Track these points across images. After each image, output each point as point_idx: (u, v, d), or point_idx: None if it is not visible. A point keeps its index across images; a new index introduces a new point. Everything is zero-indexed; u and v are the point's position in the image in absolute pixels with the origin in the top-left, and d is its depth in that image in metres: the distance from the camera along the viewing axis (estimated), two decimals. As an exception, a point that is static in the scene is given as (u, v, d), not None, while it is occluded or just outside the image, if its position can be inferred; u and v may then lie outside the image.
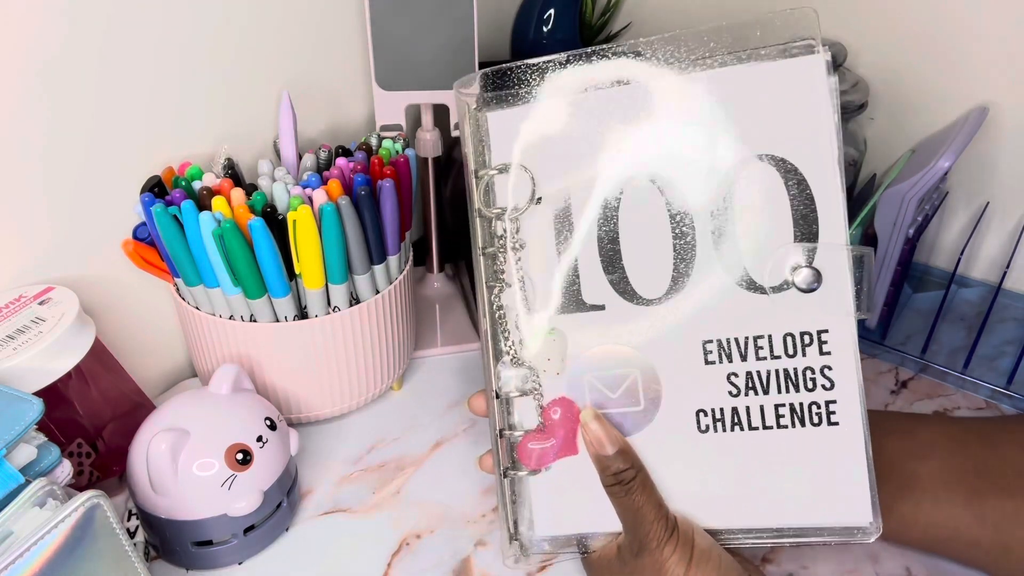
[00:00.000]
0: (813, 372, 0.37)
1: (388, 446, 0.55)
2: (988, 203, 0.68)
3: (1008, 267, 0.62)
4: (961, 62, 0.66)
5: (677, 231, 0.38)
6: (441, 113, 0.64)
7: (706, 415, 0.38)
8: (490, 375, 0.41)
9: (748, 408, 0.38)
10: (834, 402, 0.37)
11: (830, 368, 0.37)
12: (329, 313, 0.51)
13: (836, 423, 0.37)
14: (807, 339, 0.37)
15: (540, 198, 0.40)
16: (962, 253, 0.61)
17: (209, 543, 0.44)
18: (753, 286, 0.37)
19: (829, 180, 0.36)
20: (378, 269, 0.52)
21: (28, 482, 0.34)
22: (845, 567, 0.45)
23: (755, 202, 0.37)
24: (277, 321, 0.51)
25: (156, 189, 0.50)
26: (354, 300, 0.52)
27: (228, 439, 0.43)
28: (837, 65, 0.66)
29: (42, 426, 0.37)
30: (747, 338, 0.38)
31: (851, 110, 0.65)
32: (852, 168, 0.68)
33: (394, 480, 0.52)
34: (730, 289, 0.38)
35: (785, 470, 0.38)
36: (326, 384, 0.53)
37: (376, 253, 0.51)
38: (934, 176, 0.57)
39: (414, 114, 0.65)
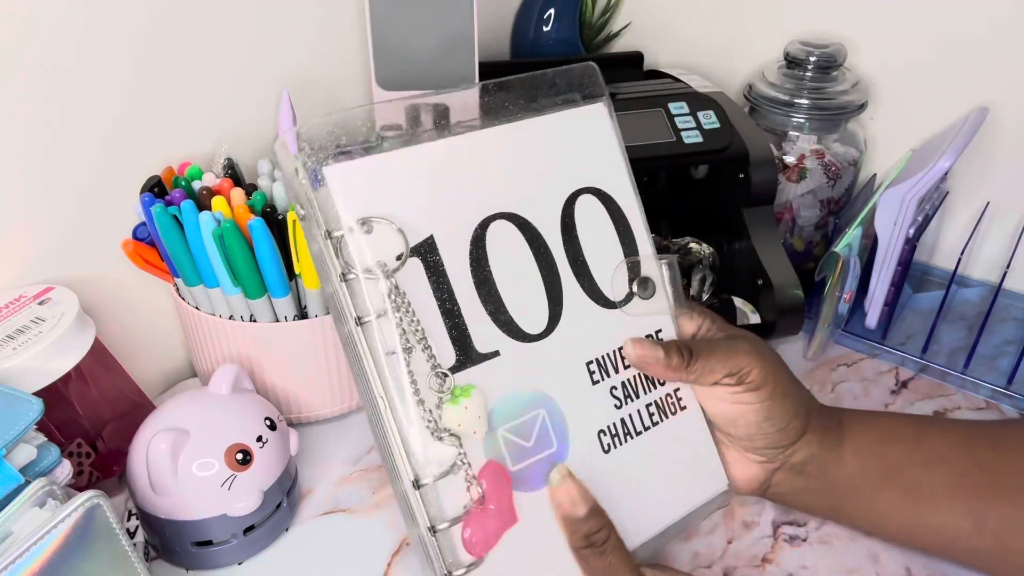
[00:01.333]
0: None
1: (388, 446, 0.55)
2: (988, 203, 0.68)
3: (1008, 267, 0.62)
4: (961, 62, 0.66)
5: (543, 263, 0.40)
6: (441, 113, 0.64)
7: (605, 434, 0.41)
8: (399, 463, 0.35)
9: (631, 415, 0.42)
10: (678, 389, 0.43)
11: None
12: (329, 313, 0.51)
13: (684, 407, 0.43)
14: (650, 339, 0.42)
15: (409, 251, 0.36)
16: (962, 253, 0.61)
17: (209, 543, 0.44)
18: (606, 303, 0.42)
19: (633, 202, 0.43)
20: (378, 269, 0.52)
21: (28, 482, 0.34)
22: (845, 567, 0.45)
23: (590, 228, 0.41)
24: (277, 321, 0.51)
25: (156, 189, 0.50)
26: (354, 300, 0.52)
27: (228, 439, 0.43)
28: (837, 65, 0.66)
29: (42, 426, 0.37)
30: (613, 351, 0.41)
31: (851, 110, 0.66)
32: (852, 168, 0.68)
33: (394, 480, 0.52)
34: (592, 309, 0.41)
35: (665, 466, 0.42)
36: (326, 384, 0.53)
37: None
38: (934, 176, 0.57)
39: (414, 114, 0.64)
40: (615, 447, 0.41)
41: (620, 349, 0.41)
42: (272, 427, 0.45)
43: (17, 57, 0.45)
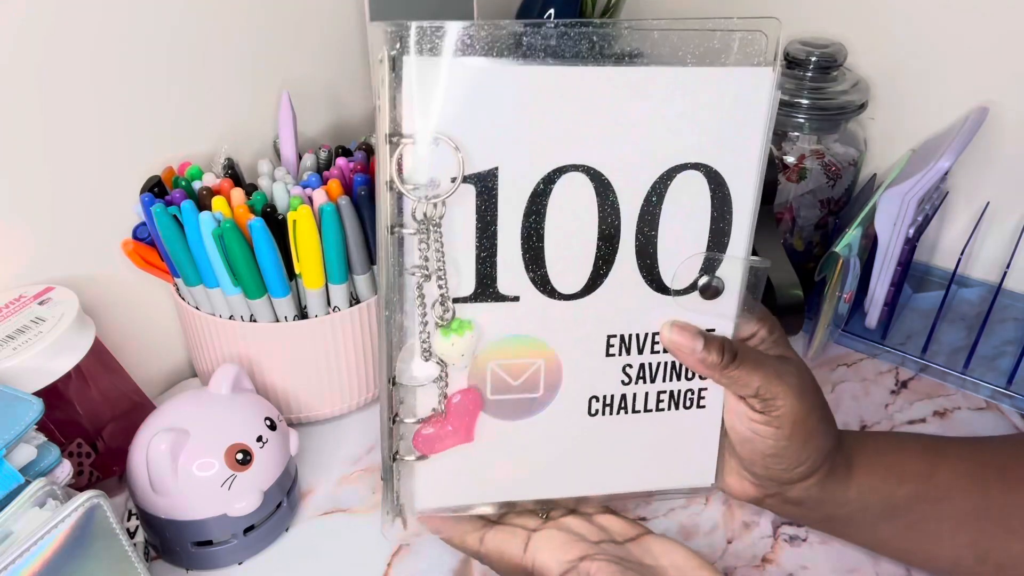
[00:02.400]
0: None
1: (388, 446, 0.55)
2: (988, 203, 0.68)
3: (1008, 267, 0.62)
4: (961, 62, 0.66)
5: (604, 231, 0.37)
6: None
7: (597, 400, 0.41)
8: (387, 361, 0.38)
9: (635, 395, 0.41)
10: (705, 389, 0.42)
11: None
12: (329, 313, 0.51)
13: (704, 407, 0.42)
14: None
15: (464, 178, 0.34)
16: (962, 253, 0.61)
17: (209, 543, 0.44)
18: (660, 287, 0.39)
19: (750, 195, 0.38)
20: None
21: (28, 482, 0.34)
22: (845, 567, 0.45)
23: (681, 209, 0.37)
24: (277, 321, 0.51)
25: (156, 189, 0.50)
26: (354, 300, 0.52)
27: (228, 439, 0.43)
28: (837, 65, 0.66)
29: (42, 426, 0.37)
30: (647, 334, 0.40)
31: (851, 110, 0.65)
32: (852, 168, 0.68)
33: (394, 480, 0.52)
34: (640, 288, 0.39)
35: (654, 444, 0.42)
36: (326, 384, 0.53)
37: (376, 253, 0.51)
38: (934, 176, 0.57)
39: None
40: (604, 415, 0.41)
41: (655, 334, 0.40)
42: (272, 427, 0.45)
43: (17, 57, 0.45)
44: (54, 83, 0.47)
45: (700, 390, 0.42)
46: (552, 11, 0.78)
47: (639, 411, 0.41)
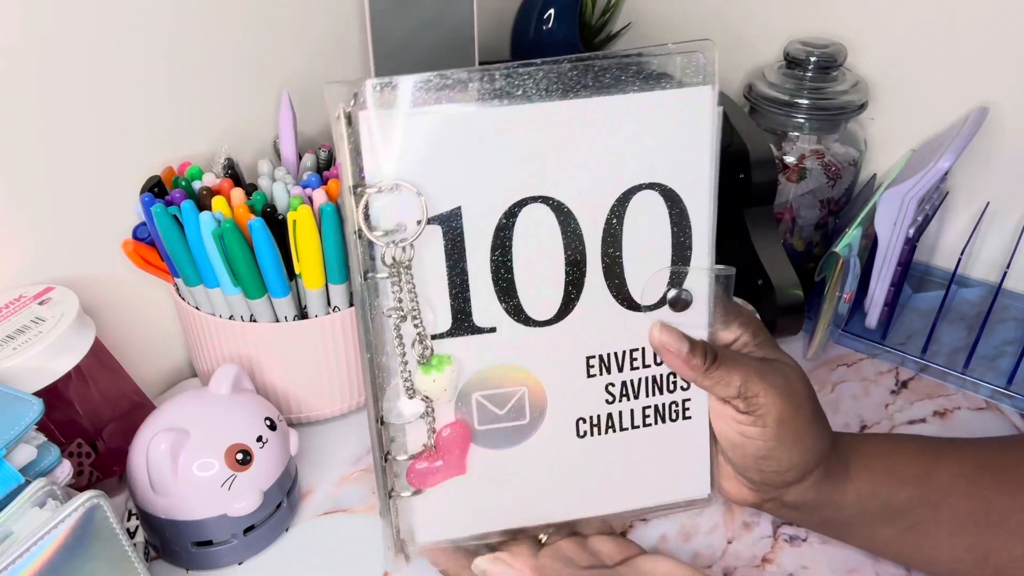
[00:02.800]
0: (675, 376, 0.42)
1: (388, 446, 0.55)
2: (988, 203, 0.68)
3: (1008, 267, 0.62)
4: (961, 62, 0.66)
5: (570, 257, 0.38)
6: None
7: (584, 422, 0.41)
8: (374, 401, 0.39)
9: (621, 412, 0.41)
10: (689, 400, 0.42)
11: None
12: (329, 313, 0.51)
13: (689, 417, 0.42)
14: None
15: (429, 219, 0.36)
16: (962, 253, 0.61)
17: (209, 543, 0.44)
18: (631, 305, 0.40)
19: (706, 208, 0.39)
20: (378, 269, 0.52)
21: (28, 482, 0.34)
22: (845, 567, 0.45)
23: (641, 229, 0.39)
24: (277, 321, 0.51)
25: (156, 189, 0.50)
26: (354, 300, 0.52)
27: (228, 439, 0.43)
28: (837, 65, 0.66)
29: (42, 426, 0.37)
30: (624, 351, 0.41)
31: (851, 110, 0.65)
32: (852, 168, 0.68)
33: (394, 480, 0.52)
34: (612, 308, 0.40)
35: (645, 460, 0.43)
36: (326, 384, 0.53)
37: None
38: (934, 176, 0.57)
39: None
40: (592, 435, 0.41)
41: (632, 351, 0.41)
42: (272, 427, 0.45)
43: (17, 57, 0.45)
44: (54, 83, 0.47)
45: (684, 401, 0.42)
46: (552, 11, 0.78)
47: (627, 428, 0.42)
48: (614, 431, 0.42)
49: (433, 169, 0.36)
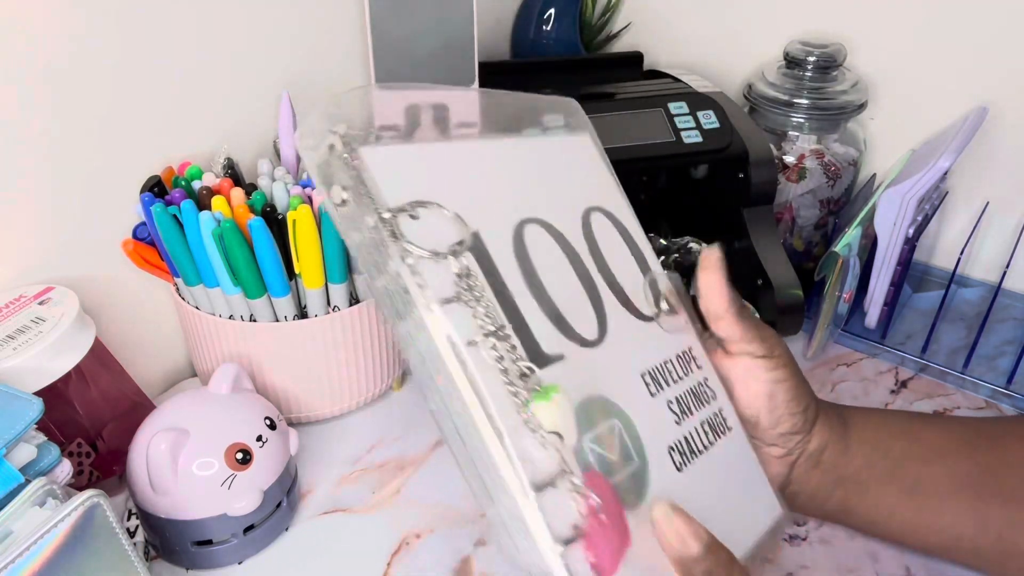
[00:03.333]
0: (703, 385, 0.39)
1: (388, 446, 0.55)
2: (988, 203, 0.68)
3: (1008, 267, 0.62)
4: (961, 62, 0.66)
5: (579, 272, 0.37)
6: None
7: (675, 451, 0.36)
8: (504, 471, 0.28)
9: (692, 433, 0.37)
10: (722, 408, 0.39)
11: (708, 379, 0.39)
12: (329, 313, 0.51)
13: (730, 428, 0.39)
14: (687, 356, 0.39)
15: (471, 235, 0.32)
16: (962, 253, 0.61)
17: (209, 543, 0.44)
18: (641, 315, 0.38)
19: (635, 224, 0.41)
20: (378, 269, 0.52)
21: (28, 482, 0.34)
22: (845, 566, 0.45)
23: (611, 246, 0.39)
24: (277, 321, 0.51)
25: (156, 189, 0.50)
26: (354, 300, 0.52)
27: (228, 439, 0.43)
28: (837, 65, 0.66)
29: (42, 426, 0.37)
30: (662, 362, 0.37)
31: (851, 110, 0.66)
32: (852, 168, 0.68)
33: (394, 480, 0.52)
34: (631, 322, 0.38)
35: (726, 488, 0.37)
36: (326, 384, 0.53)
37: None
38: (934, 176, 0.57)
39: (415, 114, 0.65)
40: (686, 465, 0.35)
41: (666, 362, 0.37)
42: (272, 427, 0.45)
43: (16, 57, 0.45)
44: (54, 83, 0.47)
45: (720, 411, 0.39)
46: (552, 11, 0.78)
47: (703, 450, 0.37)
48: (697, 455, 0.36)
49: (443, 197, 0.33)
